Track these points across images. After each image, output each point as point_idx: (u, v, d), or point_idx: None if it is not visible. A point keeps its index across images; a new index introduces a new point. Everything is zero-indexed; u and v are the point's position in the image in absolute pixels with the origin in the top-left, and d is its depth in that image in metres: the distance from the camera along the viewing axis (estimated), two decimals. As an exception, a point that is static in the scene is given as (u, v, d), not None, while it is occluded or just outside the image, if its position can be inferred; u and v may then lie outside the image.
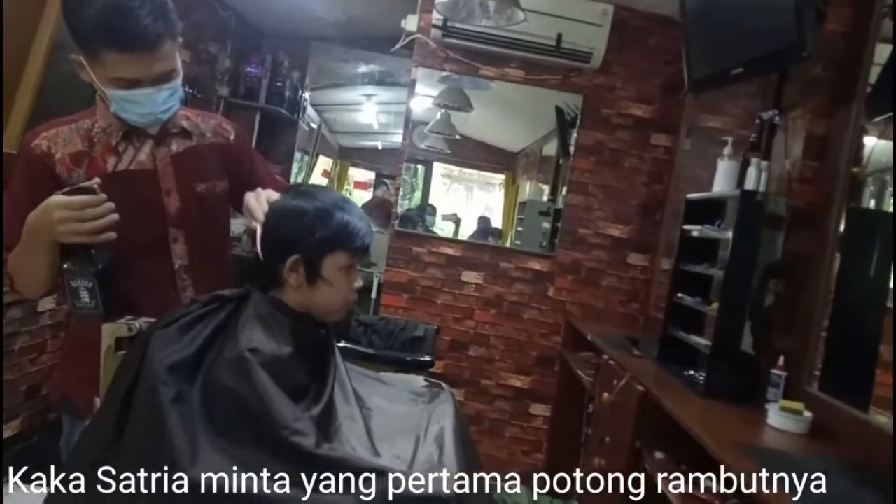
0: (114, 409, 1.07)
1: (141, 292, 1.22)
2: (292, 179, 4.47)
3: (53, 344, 2.64)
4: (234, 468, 0.98)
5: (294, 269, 1.17)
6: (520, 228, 3.42)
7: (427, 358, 2.48)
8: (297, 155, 4.56)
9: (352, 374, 1.31)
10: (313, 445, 1.00)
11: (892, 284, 1.68)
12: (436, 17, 2.83)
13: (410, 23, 3.04)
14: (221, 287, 1.23)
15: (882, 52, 1.79)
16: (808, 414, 1.61)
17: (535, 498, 2.78)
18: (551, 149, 3.32)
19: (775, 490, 1.18)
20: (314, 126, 4.95)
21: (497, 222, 3.57)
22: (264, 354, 1.08)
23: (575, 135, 3.10)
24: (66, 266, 1.11)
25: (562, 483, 2.74)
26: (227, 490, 0.96)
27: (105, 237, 1.09)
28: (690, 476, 1.54)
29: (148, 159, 1.28)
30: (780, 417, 1.60)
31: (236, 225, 4.11)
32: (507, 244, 3.37)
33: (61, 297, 2.63)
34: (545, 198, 3.33)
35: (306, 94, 4.38)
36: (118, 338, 1.15)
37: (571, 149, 3.11)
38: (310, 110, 4.63)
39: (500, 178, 3.74)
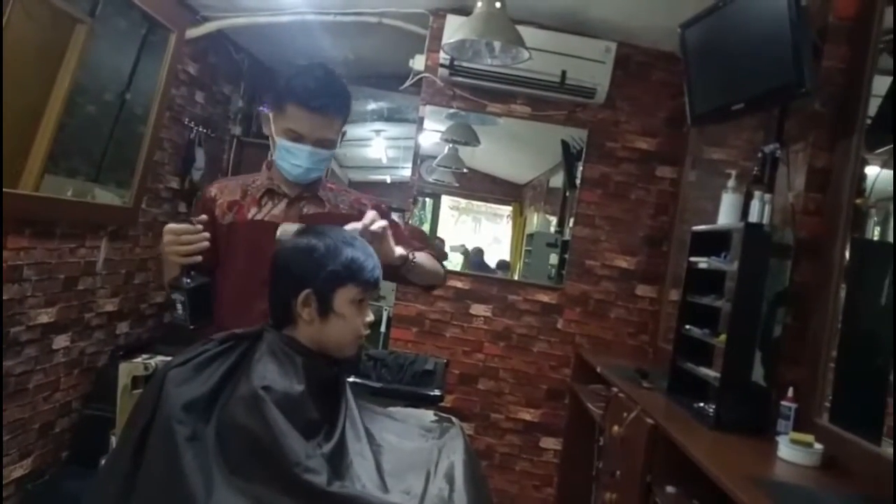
0: (130, 447, 1.09)
1: (240, 320, 1.34)
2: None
3: (67, 381, 2.67)
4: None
5: (307, 303, 1.20)
6: (528, 260, 3.44)
7: (437, 392, 2.49)
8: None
9: (362, 410, 1.33)
10: (325, 483, 1.02)
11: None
12: (443, 56, 2.90)
13: (418, 62, 3.11)
14: None
15: (880, 85, 1.82)
16: (818, 446, 1.60)
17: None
18: (558, 181, 3.36)
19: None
20: (323, 162, 5.03)
21: (505, 254, 3.60)
22: (277, 392, 1.10)
23: (581, 168, 3.14)
24: (168, 281, 1.36)
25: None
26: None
27: (192, 260, 1.31)
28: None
29: (280, 214, 1.49)
30: (791, 450, 1.59)
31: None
32: (516, 276, 3.39)
33: (75, 336, 2.67)
34: (552, 229, 3.36)
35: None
36: (134, 376, 1.19)
37: (577, 181, 3.15)
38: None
39: (508, 209, 3.77)
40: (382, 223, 1.32)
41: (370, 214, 1.33)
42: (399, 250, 1.41)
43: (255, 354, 1.19)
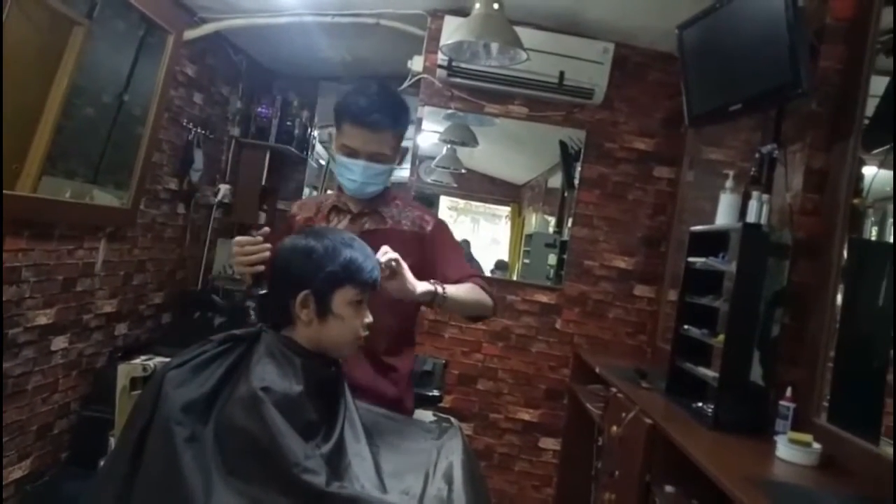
0: (129, 448, 1.09)
1: None
2: (301, 215, 4.53)
3: (65, 383, 2.67)
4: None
5: (305, 304, 1.20)
6: (526, 261, 3.45)
7: (436, 392, 2.48)
8: (307, 191, 4.63)
9: (361, 410, 1.33)
10: (324, 483, 1.02)
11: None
12: (441, 57, 2.90)
13: (416, 63, 3.12)
14: (383, 349, 1.51)
15: (877, 85, 1.82)
16: (817, 446, 1.60)
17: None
18: (556, 181, 3.37)
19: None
20: (322, 163, 5.03)
21: (503, 255, 3.60)
22: (276, 393, 1.11)
23: (579, 168, 3.15)
24: (244, 289, 1.41)
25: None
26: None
27: (255, 269, 1.38)
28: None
29: (343, 229, 1.53)
30: (790, 450, 1.60)
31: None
32: (514, 277, 3.39)
33: (73, 337, 2.67)
34: (551, 230, 3.36)
35: (315, 132, 4.47)
36: (133, 377, 1.19)
37: (576, 182, 3.16)
38: (318, 147, 4.72)
39: (506, 210, 3.78)
40: (391, 256, 1.29)
41: (382, 249, 1.30)
42: (422, 286, 1.35)
43: (254, 356, 1.19)
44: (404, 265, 1.32)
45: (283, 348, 1.20)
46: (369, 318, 1.27)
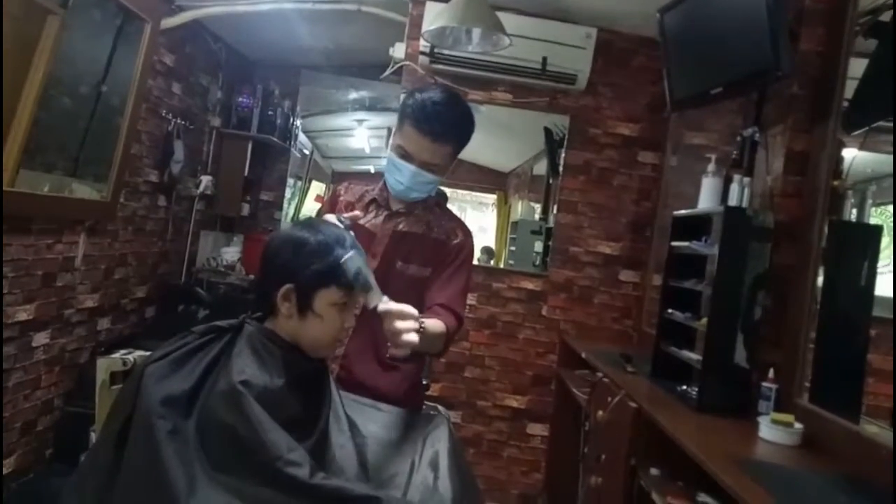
0: (111, 443, 1.08)
1: None
2: (285, 206, 4.50)
3: (48, 379, 2.64)
4: (231, 500, 0.99)
5: (287, 297, 1.18)
6: (513, 248, 3.45)
7: (423, 382, 2.49)
8: (290, 181, 4.59)
9: (346, 401, 1.32)
10: (308, 475, 1.01)
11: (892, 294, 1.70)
12: (423, 44, 2.88)
13: (398, 50, 3.09)
14: (381, 349, 1.44)
15: (856, 68, 1.83)
16: (798, 426, 1.62)
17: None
18: (541, 168, 3.36)
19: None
20: (306, 152, 4.99)
21: (490, 242, 3.60)
22: (256, 386, 1.09)
23: (563, 155, 3.15)
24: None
25: (560, 502, 2.74)
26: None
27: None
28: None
29: (378, 224, 1.55)
30: (772, 430, 1.62)
31: (229, 254, 4.11)
32: (501, 264, 3.39)
33: (55, 332, 2.64)
34: (537, 217, 3.36)
35: (297, 122, 4.42)
36: (112, 372, 1.17)
37: (561, 168, 3.16)
38: (301, 137, 4.67)
39: (493, 198, 3.78)
40: (388, 308, 1.16)
41: (384, 298, 1.18)
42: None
43: (235, 348, 1.17)
44: (412, 338, 1.16)
45: (264, 340, 1.18)
46: (351, 323, 1.25)
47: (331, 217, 1.35)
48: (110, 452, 1.07)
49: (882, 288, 1.72)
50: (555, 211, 3.17)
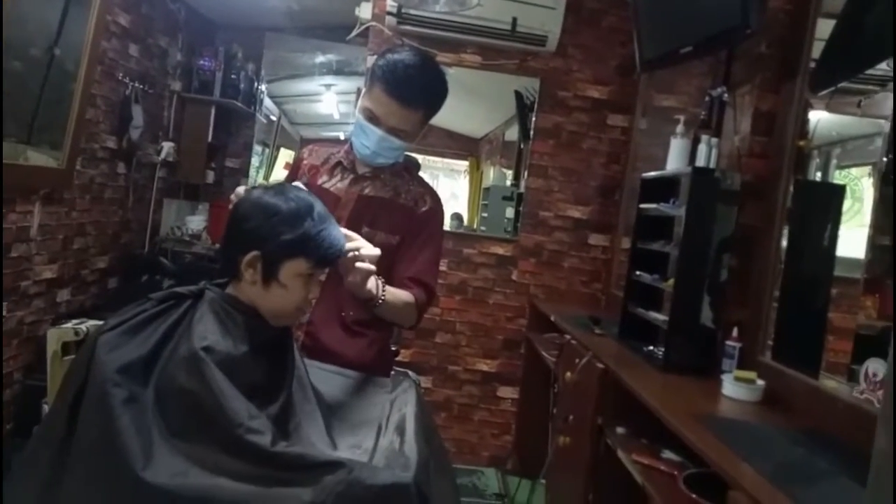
0: (64, 413, 1.04)
1: None
2: (252, 173, 4.40)
3: (6, 352, 2.56)
4: (189, 468, 0.97)
5: (252, 264, 1.14)
6: (485, 214, 3.43)
7: (392, 348, 2.48)
8: (258, 148, 4.48)
9: (312, 369, 1.30)
10: (269, 443, 0.99)
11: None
12: (390, 4, 2.80)
13: (364, 10, 3.00)
14: (349, 315, 1.45)
15: (823, 28, 1.83)
16: (760, 382, 1.65)
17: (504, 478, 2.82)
18: (513, 134, 3.33)
19: (729, 457, 1.21)
20: (273, 118, 4.87)
21: (463, 209, 3.58)
22: (219, 353, 1.07)
23: (534, 118, 3.11)
24: None
25: (530, 462, 2.78)
26: (181, 491, 0.95)
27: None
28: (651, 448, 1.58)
29: (343, 188, 1.51)
30: (734, 387, 1.65)
31: (194, 222, 4.02)
32: (475, 230, 3.37)
33: (12, 305, 2.56)
34: (508, 183, 3.34)
35: (263, 87, 4.30)
36: (64, 342, 1.13)
37: (531, 132, 3.13)
38: (268, 102, 4.55)
39: (465, 164, 3.74)
40: (355, 246, 1.24)
41: (350, 235, 1.24)
42: (368, 287, 1.29)
43: (196, 314, 1.14)
44: (366, 265, 1.25)
45: (226, 307, 1.15)
46: (315, 294, 1.22)
47: (297, 184, 1.31)
48: (63, 423, 1.03)
49: (843, 248, 1.74)
50: (525, 176, 3.15)
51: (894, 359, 0.76)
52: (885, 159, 1.63)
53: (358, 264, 1.23)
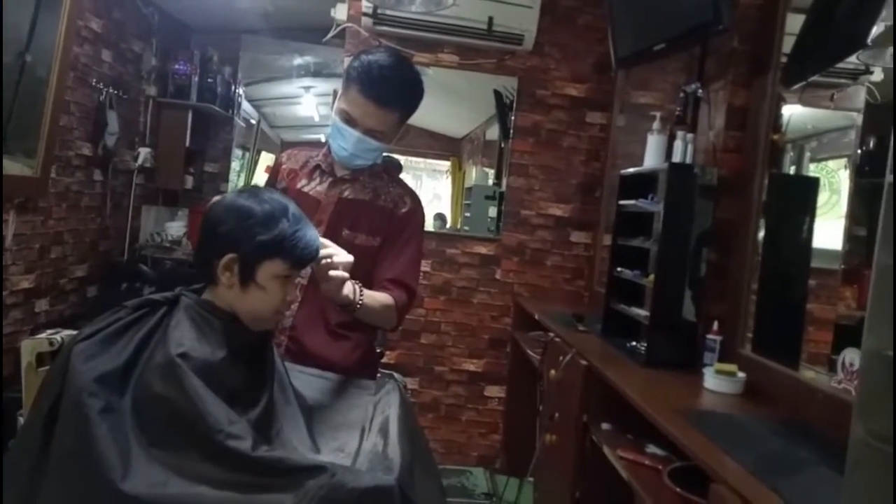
0: (39, 425, 1.02)
1: None
2: (233, 177, 4.36)
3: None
4: (169, 477, 0.96)
5: (228, 267, 1.13)
6: (467, 214, 3.43)
7: (377, 349, 2.47)
8: (238, 152, 4.45)
9: (293, 373, 1.29)
10: (250, 448, 0.98)
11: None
12: (365, 5, 2.79)
13: (340, 12, 2.99)
14: (335, 316, 1.45)
15: (793, 23, 1.85)
16: (741, 375, 1.67)
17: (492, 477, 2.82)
18: (494, 133, 3.33)
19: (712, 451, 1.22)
20: (253, 122, 4.83)
21: (446, 209, 3.57)
22: (195, 359, 1.05)
23: (513, 117, 3.12)
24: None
25: (518, 461, 2.78)
26: (161, 501, 0.93)
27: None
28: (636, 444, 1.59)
29: (322, 191, 1.51)
30: (716, 380, 1.66)
31: (174, 228, 3.98)
32: (458, 230, 3.36)
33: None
34: (490, 182, 3.35)
35: (240, 90, 4.26)
36: (39, 353, 1.11)
37: (511, 131, 3.13)
38: (246, 106, 4.51)
39: (447, 164, 3.73)
40: (328, 253, 1.22)
41: (325, 242, 1.22)
42: (345, 292, 1.27)
43: (172, 321, 1.12)
44: (340, 273, 1.23)
45: (203, 312, 1.14)
46: (293, 296, 1.21)
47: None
48: (39, 435, 1.02)
49: (822, 240, 1.76)
50: (506, 175, 3.16)
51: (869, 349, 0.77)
52: (858, 151, 1.66)
53: (332, 273, 1.22)
